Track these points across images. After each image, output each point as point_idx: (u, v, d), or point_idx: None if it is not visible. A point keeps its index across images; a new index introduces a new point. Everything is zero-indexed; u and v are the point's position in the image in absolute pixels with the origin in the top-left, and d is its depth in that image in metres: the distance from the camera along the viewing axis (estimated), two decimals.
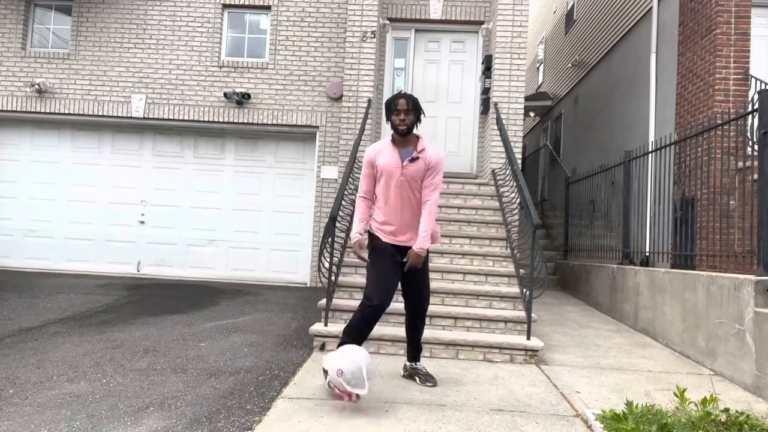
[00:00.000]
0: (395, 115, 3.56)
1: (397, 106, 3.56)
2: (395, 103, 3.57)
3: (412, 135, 3.63)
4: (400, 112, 3.55)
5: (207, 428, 2.94)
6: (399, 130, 3.57)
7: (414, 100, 3.61)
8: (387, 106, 3.62)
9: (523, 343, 4.62)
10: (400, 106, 3.55)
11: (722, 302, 4.44)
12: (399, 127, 3.56)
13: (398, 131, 3.58)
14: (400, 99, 3.58)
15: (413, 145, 3.62)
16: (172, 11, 8.99)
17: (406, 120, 3.55)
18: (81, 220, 9.15)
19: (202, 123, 8.91)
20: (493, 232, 6.49)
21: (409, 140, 3.62)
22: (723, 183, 5.11)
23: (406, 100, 3.57)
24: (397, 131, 3.58)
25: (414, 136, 3.64)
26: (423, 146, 3.61)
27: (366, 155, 3.68)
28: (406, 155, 3.58)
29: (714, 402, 3.03)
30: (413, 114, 3.58)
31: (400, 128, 3.56)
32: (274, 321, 5.84)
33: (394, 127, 3.60)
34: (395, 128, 3.59)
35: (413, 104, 3.59)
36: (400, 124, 3.56)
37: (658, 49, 8.39)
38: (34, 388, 3.51)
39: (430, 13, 8.34)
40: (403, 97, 3.58)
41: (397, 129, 3.58)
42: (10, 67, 9.03)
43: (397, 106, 3.55)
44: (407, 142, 3.62)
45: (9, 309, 5.93)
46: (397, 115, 3.55)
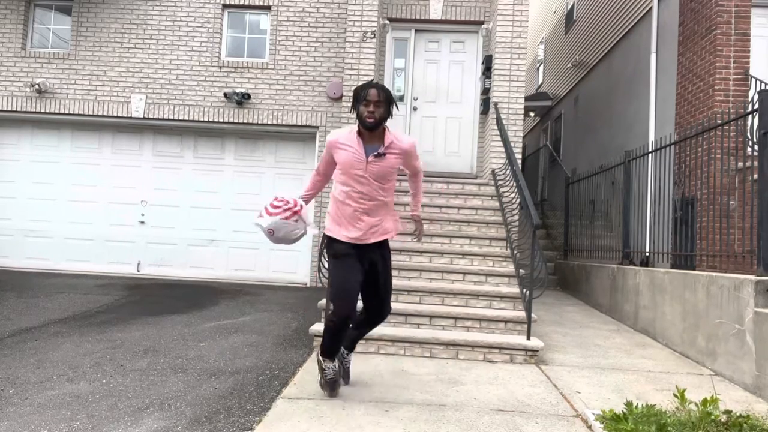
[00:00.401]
0: (364, 105, 3.14)
1: (366, 96, 3.13)
2: (365, 93, 3.15)
3: (380, 129, 3.23)
4: (369, 102, 3.12)
5: (207, 428, 2.94)
6: (366, 123, 3.14)
7: (387, 92, 3.21)
8: (355, 95, 3.20)
9: (523, 344, 4.62)
10: (371, 96, 3.13)
11: (722, 302, 4.44)
12: (367, 120, 3.14)
13: (365, 124, 3.15)
14: (371, 89, 3.15)
15: (380, 140, 3.24)
16: (172, 11, 8.99)
17: (376, 113, 3.13)
18: (81, 220, 9.15)
19: (202, 123, 8.91)
20: (493, 232, 6.49)
21: (376, 135, 3.23)
22: (723, 183, 5.11)
23: (378, 90, 3.15)
24: (365, 124, 3.16)
25: (381, 130, 3.24)
26: (391, 139, 3.24)
27: (328, 139, 3.31)
28: (371, 151, 3.22)
29: (714, 402, 3.03)
30: (384, 107, 3.17)
31: (368, 121, 3.14)
32: (274, 321, 5.84)
33: (361, 120, 3.17)
34: (362, 120, 3.16)
35: (385, 96, 3.18)
36: (368, 117, 3.13)
37: (658, 49, 8.39)
38: (34, 388, 3.51)
39: (430, 13, 8.34)
40: (375, 87, 3.17)
41: (365, 122, 3.15)
42: (10, 67, 9.03)
43: (367, 95, 3.13)
44: (374, 137, 3.23)
45: (9, 309, 5.93)
46: (366, 105, 3.13)
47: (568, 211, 9.17)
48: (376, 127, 3.17)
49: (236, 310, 6.33)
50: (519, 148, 7.46)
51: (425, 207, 6.82)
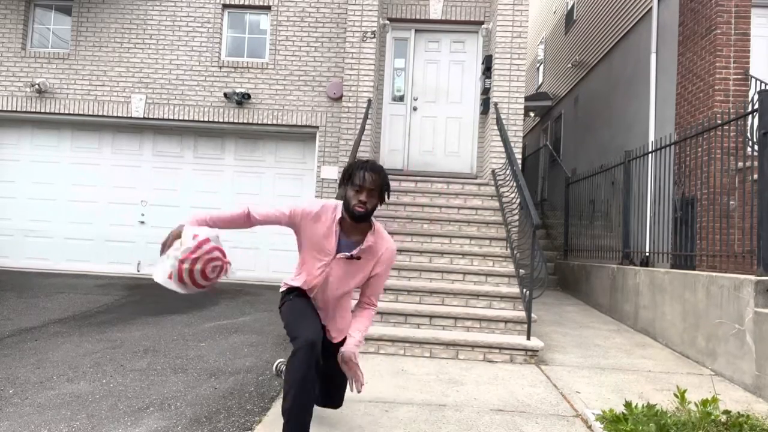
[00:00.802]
0: (355, 191, 2.56)
1: (362, 182, 2.54)
2: (361, 177, 2.54)
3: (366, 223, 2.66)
4: (363, 189, 2.54)
5: (207, 428, 2.94)
6: (356, 213, 2.56)
7: (383, 178, 2.60)
8: (347, 174, 2.62)
9: (523, 344, 4.63)
10: (366, 183, 2.53)
11: (722, 302, 4.44)
12: (356, 209, 2.55)
13: (354, 214, 2.57)
14: (367, 173, 2.55)
15: (362, 235, 2.66)
16: (172, 11, 8.99)
17: (368, 203, 2.56)
18: (81, 220, 9.15)
19: (202, 123, 8.91)
20: (493, 232, 6.49)
21: (358, 229, 2.66)
22: (723, 183, 5.11)
23: (375, 176, 2.55)
24: (353, 214, 2.57)
25: (366, 225, 2.67)
26: (371, 242, 2.66)
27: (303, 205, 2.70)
28: (346, 247, 2.65)
29: (714, 402, 3.03)
30: (377, 196, 2.59)
31: (357, 211, 2.55)
32: (274, 321, 5.83)
33: (347, 207, 2.59)
34: (350, 209, 2.57)
35: (381, 183, 2.58)
36: (357, 206, 2.55)
37: (658, 49, 8.39)
38: (34, 388, 3.51)
39: (430, 13, 8.34)
40: (373, 172, 2.56)
41: (354, 212, 2.56)
42: (10, 67, 9.02)
43: (363, 182, 2.53)
44: (355, 230, 2.66)
45: (9, 309, 5.93)
46: (357, 192, 2.55)
47: (568, 211, 9.17)
48: (364, 219, 2.62)
49: (236, 310, 6.33)
50: (519, 148, 7.46)
51: (425, 207, 6.83)
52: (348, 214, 2.62)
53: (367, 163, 2.64)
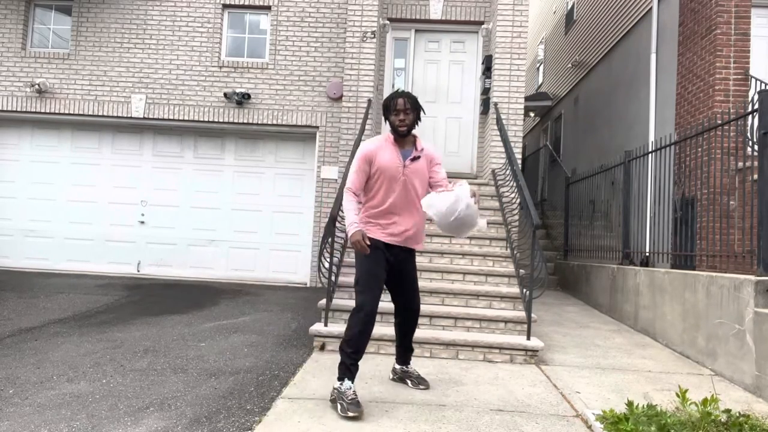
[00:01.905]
0: (394, 115, 3.44)
1: (396, 106, 3.43)
2: (394, 103, 3.44)
3: (411, 135, 3.52)
4: (399, 111, 3.42)
5: (207, 428, 2.94)
6: (399, 131, 3.44)
7: (413, 99, 3.49)
8: (385, 106, 3.49)
9: (523, 344, 4.62)
10: (399, 106, 3.42)
11: (722, 302, 4.44)
12: (399, 128, 3.44)
13: (398, 132, 3.45)
14: (398, 98, 3.44)
15: (412, 144, 3.53)
16: (172, 11, 8.99)
17: (406, 120, 3.43)
18: (81, 220, 9.15)
19: (202, 123, 8.91)
20: (493, 232, 6.49)
21: (408, 140, 3.52)
22: (723, 183, 5.11)
23: (405, 99, 3.44)
24: (398, 132, 3.45)
25: (412, 136, 3.54)
26: (422, 145, 3.54)
27: (363, 150, 3.48)
28: (406, 155, 3.48)
29: (714, 402, 3.03)
30: (413, 113, 3.46)
31: (401, 129, 3.44)
32: (274, 321, 5.83)
33: (393, 128, 3.46)
34: (395, 129, 3.45)
35: (412, 103, 3.46)
36: (400, 125, 3.43)
37: (658, 50, 8.39)
38: (34, 388, 3.51)
39: (430, 13, 8.34)
40: (402, 96, 3.45)
41: (398, 130, 3.44)
42: (10, 67, 9.03)
43: (397, 105, 3.43)
44: (405, 142, 3.51)
45: (9, 309, 5.93)
46: (396, 115, 3.43)
47: (568, 211, 9.17)
48: (408, 133, 3.46)
49: (236, 310, 6.33)
50: (519, 148, 7.46)
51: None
52: (395, 134, 3.47)
53: (398, 91, 3.54)
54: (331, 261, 4.92)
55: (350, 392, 3.20)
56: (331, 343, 4.59)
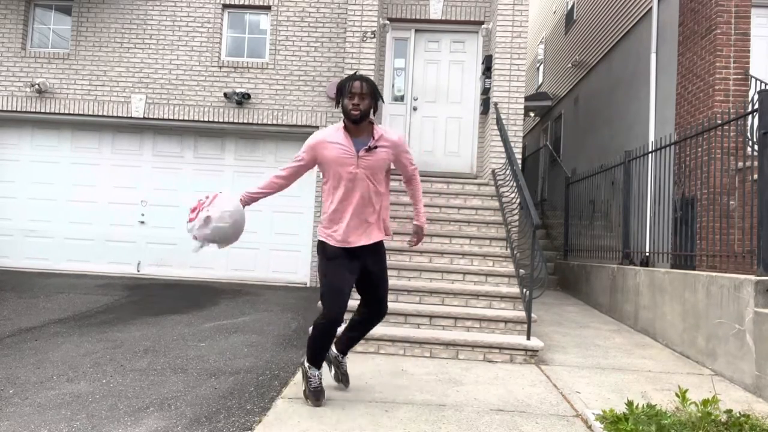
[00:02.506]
0: (348, 98, 3.09)
1: (352, 89, 3.08)
2: (350, 85, 3.09)
3: (366, 122, 3.17)
4: (354, 95, 3.07)
5: (207, 428, 2.94)
6: (351, 116, 3.09)
7: (371, 84, 3.15)
8: (339, 88, 3.16)
9: (523, 343, 4.62)
10: (355, 89, 3.07)
11: (722, 302, 4.44)
12: (352, 113, 3.08)
13: (350, 117, 3.10)
14: (355, 81, 3.10)
15: (367, 133, 3.18)
16: (172, 11, 8.99)
17: (361, 105, 3.08)
18: (81, 220, 9.14)
19: (202, 123, 8.91)
20: (493, 232, 6.49)
21: (363, 128, 3.17)
22: (723, 183, 5.11)
23: (362, 83, 3.10)
24: (350, 117, 3.10)
25: (368, 123, 3.18)
26: (380, 132, 3.20)
27: (313, 139, 3.22)
28: (360, 145, 3.15)
29: (715, 402, 3.03)
30: (369, 99, 3.12)
31: (353, 113, 3.08)
32: (274, 321, 5.83)
33: (346, 113, 3.12)
34: (347, 114, 3.11)
35: (370, 87, 3.12)
36: (353, 109, 3.08)
37: (658, 49, 8.39)
38: (34, 388, 3.51)
39: (430, 13, 8.34)
40: (359, 79, 3.12)
41: (350, 114, 3.09)
42: (10, 67, 9.02)
43: (352, 88, 3.08)
44: (360, 131, 3.17)
45: (9, 309, 5.93)
46: (350, 98, 3.08)
47: (568, 211, 9.17)
48: (361, 119, 3.12)
49: (236, 310, 6.33)
50: (519, 148, 7.46)
51: (425, 207, 6.80)
52: (348, 120, 3.14)
53: (354, 74, 3.19)
54: None
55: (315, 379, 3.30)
56: None
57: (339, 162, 3.14)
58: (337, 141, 3.16)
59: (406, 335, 4.68)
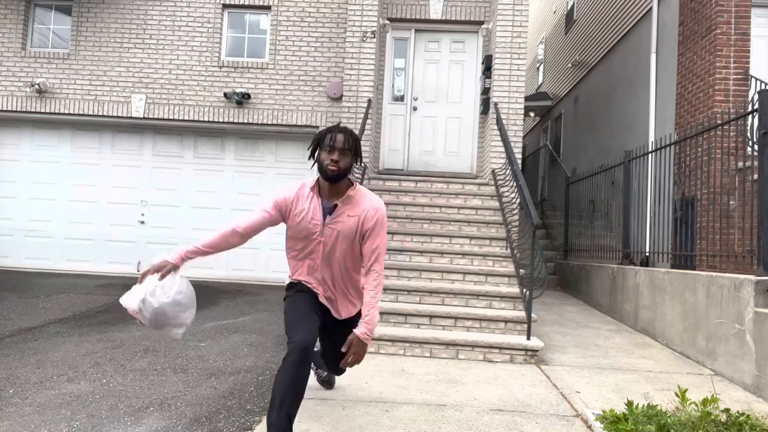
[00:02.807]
0: (327, 152, 2.62)
1: (333, 142, 2.61)
2: (332, 137, 2.63)
3: (345, 181, 2.70)
4: (334, 149, 2.61)
5: (207, 428, 2.94)
6: (328, 173, 2.62)
7: (355, 139, 2.69)
8: (318, 139, 2.70)
9: (523, 343, 4.63)
10: (338, 143, 2.61)
11: (722, 302, 4.44)
12: (329, 168, 2.61)
13: (327, 174, 2.63)
14: (338, 134, 2.64)
15: (342, 195, 2.70)
16: (172, 11, 8.99)
17: (340, 162, 2.61)
18: (81, 220, 9.15)
19: (202, 123, 8.91)
20: (493, 232, 6.49)
21: (339, 188, 2.70)
22: (723, 183, 5.11)
23: (345, 136, 2.64)
24: (326, 174, 2.63)
25: (346, 184, 2.71)
26: (351, 194, 2.69)
27: (278, 193, 2.76)
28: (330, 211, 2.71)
29: (714, 402, 3.03)
30: (350, 155, 2.65)
31: (330, 170, 2.61)
32: (274, 321, 5.83)
33: (321, 168, 2.66)
34: (323, 170, 2.65)
35: (353, 143, 2.66)
36: (330, 165, 2.60)
37: (658, 49, 8.39)
38: (34, 388, 3.51)
39: (430, 13, 8.34)
40: (342, 132, 2.66)
41: (326, 171, 2.62)
42: (10, 67, 9.02)
43: (334, 142, 2.61)
44: (335, 191, 2.70)
45: (9, 309, 5.93)
46: (329, 152, 2.61)
47: (568, 211, 9.17)
48: (339, 178, 2.65)
49: (236, 310, 6.33)
50: (519, 148, 7.46)
51: (425, 207, 6.83)
52: (323, 176, 2.68)
53: (338, 125, 2.75)
54: None
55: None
56: None
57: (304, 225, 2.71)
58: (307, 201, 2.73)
59: (406, 335, 4.68)
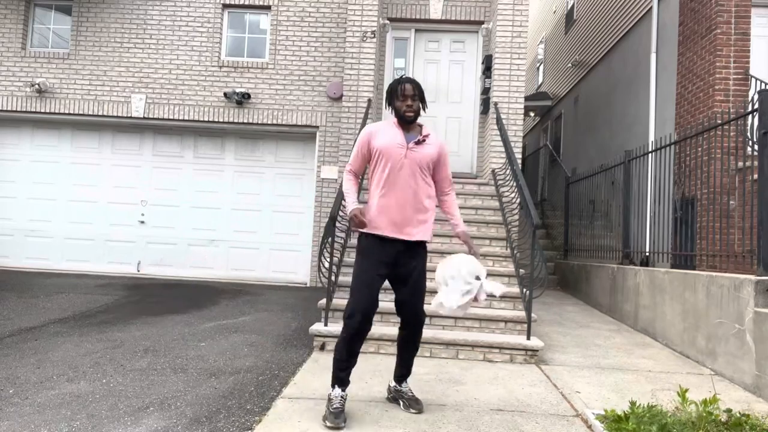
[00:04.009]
0: (401, 101, 3.21)
1: (405, 91, 3.21)
2: (402, 87, 3.22)
3: (416, 123, 3.31)
4: (407, 97, 3.20)
5: (207, 428, 2.94)
6: (406, 117, 3.22)
7: (420, 86, 3.31)
8: (391, 91, 3.27)
9: (523, 343, 4.62)
10: (408, 91, 3.21)
11: (722, 302, 4.44)
12: (406, 114, 3.21)
13: (405, 118, 3.23)
14: (407, 84, 3.23)
15: (417, 132, 3.30)
16: (172, 11, 8.99)
17: (414, 106, 3.22)
18: (81, 220, 9.15)
19: (202, 123, 8.91)
20: (493, 232, 6.49)
21: (413, 127, 3.30)
22: (723, 183, 5.11)
23: (413, 86, 3.24)
24: (404, 118, 3.23)
25: (417, 125, 3.32)
26: (427, 131, 3.31)
27: (364, 131, 3.32)
28: (411, 138, 3.25)
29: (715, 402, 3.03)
30: (419, 100, 3.26)
31: (408, 114, 3.22)
32: (274, 321, 5.83)
33: (400, 114, 3.23)
34: (401, 115, 3.23)
35: (419, 90, 3.27)
36: (407, 111, 3.20)
37: (658, 49, 8.39)
38: (34, 388, 3.51)
39: (430, 13, 8.34)
40: (410, 82, 3.25)
41: (404, 116, 3.22)
42: (10, 67, 9.03)
43: (405, 91, 3.21)
44: (410, 129, 3.29)
45: (9, 309, 5.93)
46: (403, 100, 3.21)
47: (568, 211, 9.17)
48: (415, 119, 3.27)
49: (236, 310, 6.33)
50: (519, 148, 7.46)
51: None
52: (401, 120, 3.26)
53: (403, 77, 3.32)
54: (331, 261, 4.92)
55: (336, 400, 3.06)
56: (331, 342, 4.59)
57: (389, 149, 3.20)
58: (389, 131, 3.27)
59: None
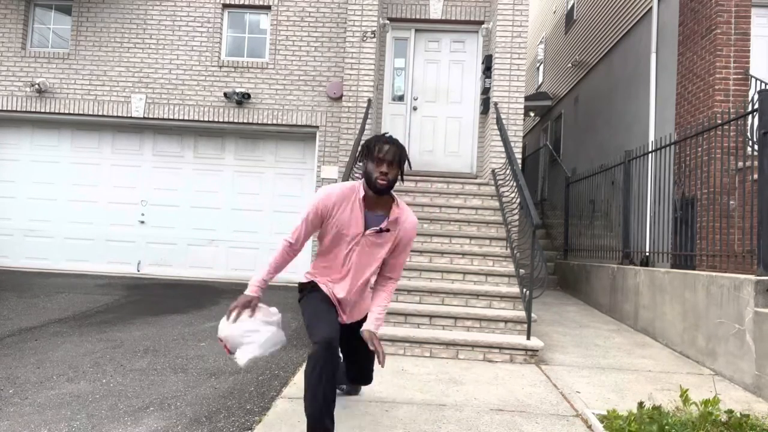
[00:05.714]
0: (375, 164, 2.59)
1: (382, 154, 2.57)
2: (381, 150, 2.58)
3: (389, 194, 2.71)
4: (383, 162, 2.57)
5: (207, 428, 2.94)
6: (378, 186, 2.59)
7: (402, 151, 2.65)
8: (366, 148, 2.64)
9: (523, 343, 4.63)
10: (386, 155, 2.57)
11: (722, 302, 4.44)
12: (378, 182, 2.58)
13: (376, 187, 2.60)
14: (387, 145, 2.59)
15: (385, 208, 2.72)
16: (172, 11, 8.99)
17: (389, 175, 2.59)
18: (81, 220, 9.15)
19: (202, 123, 8.91)
20: (493, 232, 6.49)
21: (382, 201, 2.71)
22: (723, 183, 5.11)
23: (395, 150, 2.60)
24: (375, 187, 2.60)
25: (390, 197, 2.72)
26: (397, 214, 2.72)
27: (319, 199, 2.70)
28: (373, 222, 2.70)
29: (715, 402, 3.03)
30: (397, 168, 2.62)
31: (380, 183, 2.59)
32: None
33: (370, 181, 2.61)
34: (372, 183, 2.61)
35: (401, 156, 2.63)
36: (380, 179, 2.58)
37: (658, 49, 8.39)
38: (34, 388, 3.51)
39: (430, 12, 8.34)
40: (392, 144, 2.61)
41: (375, 185, 2.59)
42: (10, 67, 9.02)
43: (383, 154, 2.57)
44: (379, 203, 2.70)
45: (9, 309, 5.93)
46: (377, 165, 2.58)
47: (568, 210, 9.17)
48: (387, 191, 2.66)
49: None
50: (519, 148, 7.46)
51: (425, 207, 6.83)
52: (371, 188, 2.65)
53: (385, 136, 2.68)
54: None
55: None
56: None
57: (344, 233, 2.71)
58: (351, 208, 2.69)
59: (406, 335, 4.68)
